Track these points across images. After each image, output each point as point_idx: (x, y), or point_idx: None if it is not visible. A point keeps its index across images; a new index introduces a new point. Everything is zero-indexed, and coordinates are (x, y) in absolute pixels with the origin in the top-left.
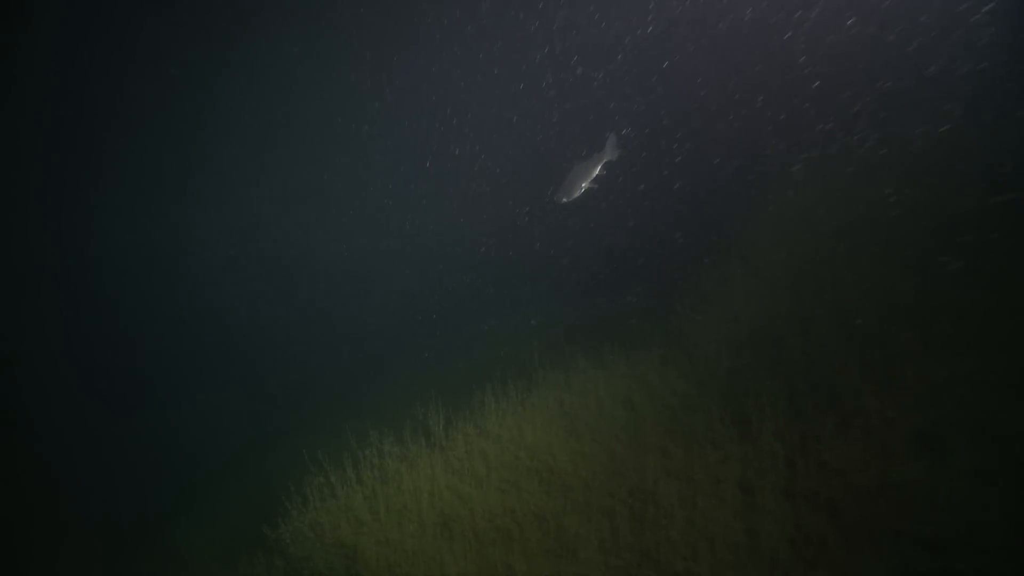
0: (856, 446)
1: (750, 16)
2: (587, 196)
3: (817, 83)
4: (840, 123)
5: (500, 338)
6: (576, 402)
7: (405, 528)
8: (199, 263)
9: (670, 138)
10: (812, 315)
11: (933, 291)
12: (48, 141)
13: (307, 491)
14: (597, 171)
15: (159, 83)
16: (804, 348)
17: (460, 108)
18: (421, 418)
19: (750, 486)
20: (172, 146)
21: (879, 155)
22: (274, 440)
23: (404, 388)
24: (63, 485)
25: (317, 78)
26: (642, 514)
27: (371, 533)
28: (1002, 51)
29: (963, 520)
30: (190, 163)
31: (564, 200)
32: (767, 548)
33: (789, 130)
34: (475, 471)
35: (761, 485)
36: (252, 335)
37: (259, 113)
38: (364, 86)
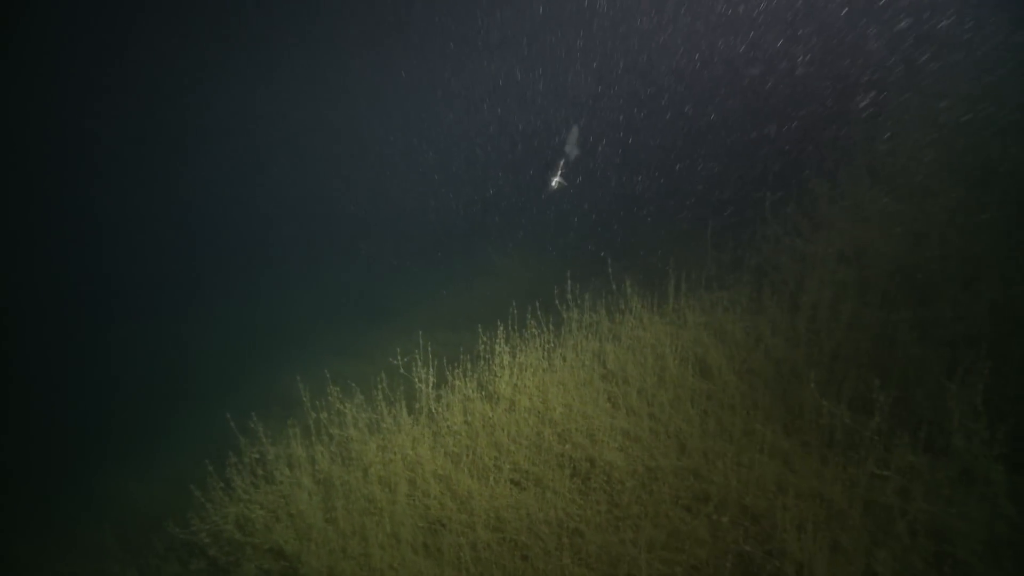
0: None
1: None
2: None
3: None
4: None
5: (525, 263)
6: (626, 360)
7: (372, 535)
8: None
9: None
10: (985, 255)
11: None
12: None
13: (231, 473)
14: (560, 169)
15: None
16: (976, 303)
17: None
18: (404, 370)
19: (937, 528)
20: None
21: None
22: (198, 392)
23: (386, 324)
24: None
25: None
26: (743, 555)
27: (322, 539)
28: None
29: None
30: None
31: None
32: None
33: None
34: (477, 453)
35: (963, 530)
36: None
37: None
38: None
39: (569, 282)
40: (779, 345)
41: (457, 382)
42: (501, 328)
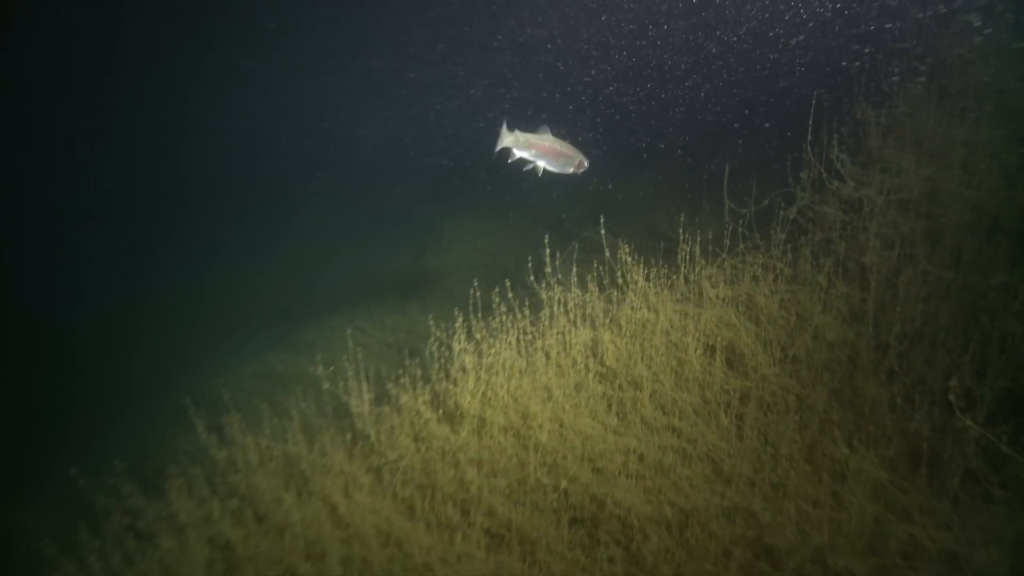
0: None
1: None
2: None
3: None
4: None
5: (486, 227)
6: (631, 353)
7: None
8: None
9: None
10: None
11: None
12: None
13: (87, 549)
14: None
15: None
16: None
17: None
18: (328, 383)
19: None
20: None
21: None
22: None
23: (310, 315)
24: None
25: None
26: None
27: None
28: None
29: None
30: None
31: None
32: None
33: None
34: (437, 498)
35: None
36: None
37: None
38: None
39: (547, 250)
40: (831, 324)
41: (404, 396)
42: (460, 317)
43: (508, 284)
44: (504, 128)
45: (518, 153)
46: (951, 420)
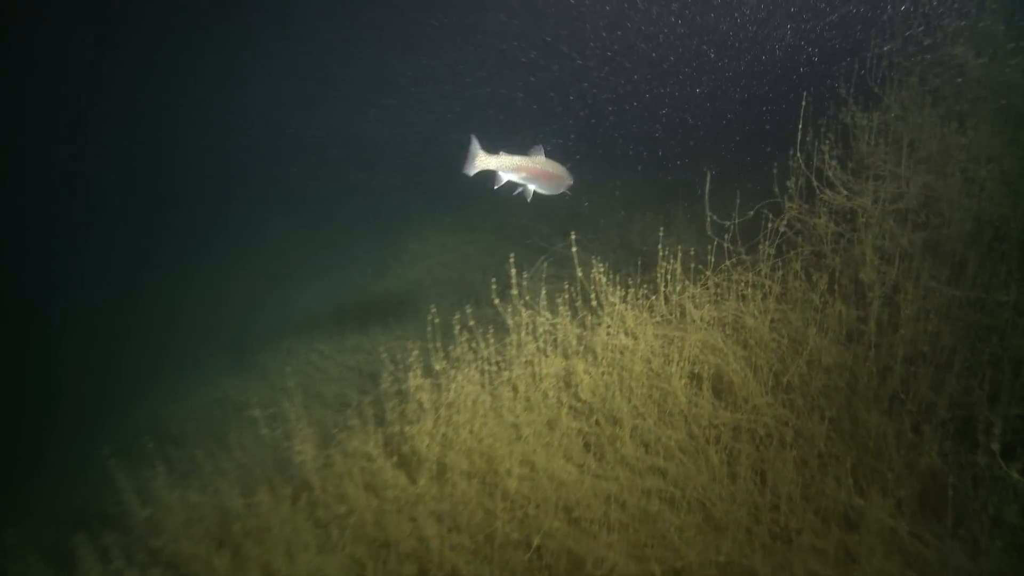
0: None
1: None
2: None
3: None
4: None
5: (449, 242)
6: (608, 384)
7: None
8: None
9: None
10: None
11: None
12: None
13: None
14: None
15: None
16: None
17: None
18: (266, 427)
19: None
20: None
21: None
22: None
23: (248, 348)
24: None
25: None
26: None
27: None
28: None
29: None
30: None
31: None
32: None
33: None
34: (391, 559)
35: None
36: None
37: None
38: None
39: (513, 270)
40: (826, 346)
41: (353, 440)
42: (415, 350)
43: (469, 311)
44: (478, 147)
45: (505, 177)
46: (965, 454)
